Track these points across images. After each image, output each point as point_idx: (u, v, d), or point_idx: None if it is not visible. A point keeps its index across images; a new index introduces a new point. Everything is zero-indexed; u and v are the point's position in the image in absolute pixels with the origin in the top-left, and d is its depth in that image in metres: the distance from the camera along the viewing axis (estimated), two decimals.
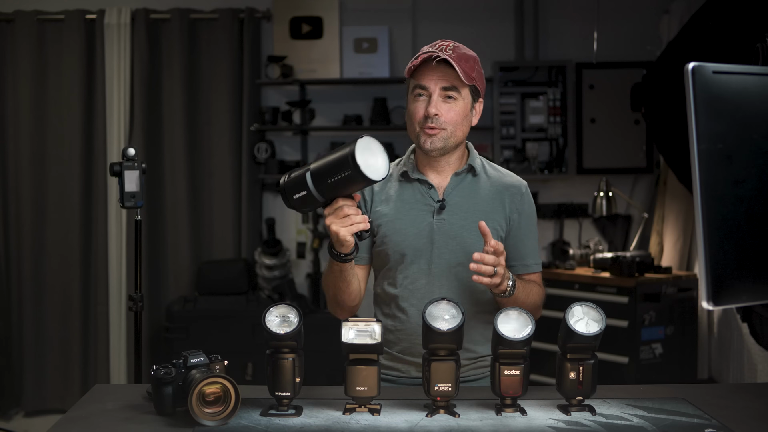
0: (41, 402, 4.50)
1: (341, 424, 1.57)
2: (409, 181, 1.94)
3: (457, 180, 1.93)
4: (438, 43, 1.87)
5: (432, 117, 1.83)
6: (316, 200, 1.66)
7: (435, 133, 1.85)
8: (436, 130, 1.84)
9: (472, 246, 1.84)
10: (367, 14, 4.67)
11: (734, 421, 1.59)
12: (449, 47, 1.84)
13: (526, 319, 1.61)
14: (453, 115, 1.85)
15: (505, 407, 1.64)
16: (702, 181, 1.24)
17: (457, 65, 1.81)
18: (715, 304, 1.25)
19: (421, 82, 1.85)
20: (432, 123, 1.84)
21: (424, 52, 1.85)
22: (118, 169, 2.62)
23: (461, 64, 1.82)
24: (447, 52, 1.83)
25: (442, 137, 1.85)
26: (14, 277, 4.54)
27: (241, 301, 4.26)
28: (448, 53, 1.83)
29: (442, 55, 1.81)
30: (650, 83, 3.83)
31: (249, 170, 4.58)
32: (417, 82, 1.86)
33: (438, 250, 1.89)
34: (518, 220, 1.94)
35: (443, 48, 1.84)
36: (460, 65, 1.82)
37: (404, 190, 1.94)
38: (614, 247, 4.58)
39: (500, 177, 1.97)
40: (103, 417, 1.64)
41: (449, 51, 1.83)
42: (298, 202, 1.67)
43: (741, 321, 3.11)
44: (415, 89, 1.87)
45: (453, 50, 1.84)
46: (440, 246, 1.89)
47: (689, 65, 1.25)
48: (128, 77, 4.51)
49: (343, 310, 1.91)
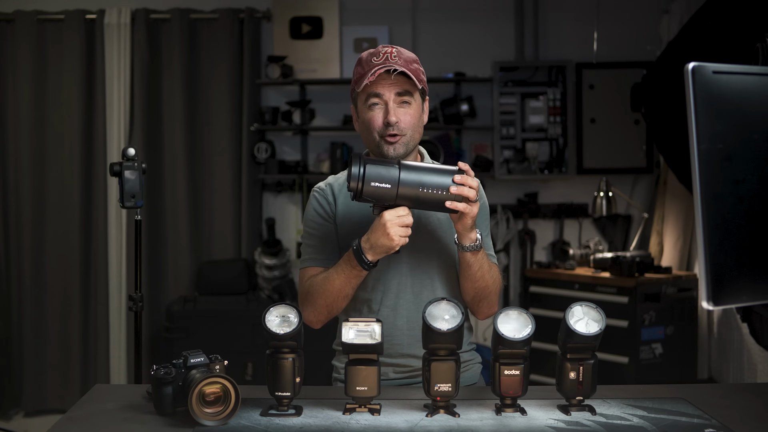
0: (41, 402, 4.50)
1: (341, 424, 1.57)
2: None
3: None
4: (380, 52, 1.86)
5: (393, 125, 1.84)
6: (389, 199, 1.70)
7: (397, 140, 1.85)
8: (398, 137, 1.85)
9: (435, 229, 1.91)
10: (367, 14, 4.67)
11: (734, 421, 1.59)
12: (393, 54, 1.85)
13: (526, 319, 1.61)
14: (410, 119, 1.86)
15: (505, 407, 1.64)
16: (702, 181, 1.24)
17: (410, 72, 1.82)
18: (715, 304, 1.25)
19: (376, 91, 1.85)
20: (393, 130, 1.84)
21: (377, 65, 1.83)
22: (118, 169, 2.62)
23: (411, 69, 1.84)
24: (393, 60, 1.83)
25: (403, 143, 1.86)
26: (14, 277, 4.54)
27: (241, 301, 4.26)
28: (395, 61, 1.83)
29: (397, 67, 1.81)
30: (650, 83, 3.83)
31: (249, 170, 4.58)
32: (371, 91, 1.85)
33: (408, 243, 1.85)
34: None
35: (388, 56, 1.84)
36: (411, 71, 1.83)
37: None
38: (614, 247, 4.59)
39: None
40: (103, 417, 1.64)
41: (395, 58, 1.84)
42: (371, 191, 1.69)
43: (741, 321, 3.11)
44: (369, 99, 1.86)
45: (398, 56, 1.85)
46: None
47: (689, 65, 1.25)
48: (128, 77, 4.51)
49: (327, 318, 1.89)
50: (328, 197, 1.96)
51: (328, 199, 1.96)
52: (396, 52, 1.85)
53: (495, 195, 4.67)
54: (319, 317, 1.89)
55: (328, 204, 1.95)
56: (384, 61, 1.83)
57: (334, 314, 1.89)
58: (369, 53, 1.88)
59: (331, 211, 1.95)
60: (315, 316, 1.88)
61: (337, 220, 1.94)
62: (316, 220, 1.95)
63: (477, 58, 4.65)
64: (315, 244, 1.94)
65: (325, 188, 1.98)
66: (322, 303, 1.85)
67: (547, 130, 4.55)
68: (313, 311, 1.88)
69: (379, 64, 1.83)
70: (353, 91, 1.91)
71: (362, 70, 1.86)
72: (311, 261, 1.93)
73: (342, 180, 1.99)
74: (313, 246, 1.94)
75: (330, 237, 1.93)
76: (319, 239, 1.94)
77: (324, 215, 1.94)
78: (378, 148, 1.87)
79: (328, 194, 1.96)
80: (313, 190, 2.00)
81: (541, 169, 4.54)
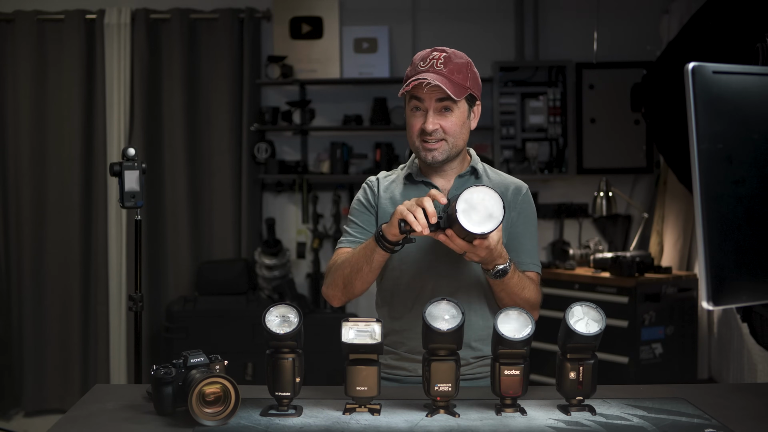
0: (41, 402, 4.50)
1: (341, 424, 1.57)
2: (414, 183, 1.98)
3: (460, 182, 1.96)
4: (429, 56, 1.86)
5: (430, 132, 1.85)
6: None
7: (435, 147, 1.88)
8: (437, 143, 1.87)
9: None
10: (367, 14, 4.67)
11: (734, 421, 1.59)
12: (440, 61, 1.84)
13: (526, 319, 1.61)
14: (450, 126, 1.87)
15: (505, 407, 1.64)
16: (702, 181, 1.24)
17: (449, 82, 1.81)
18: (715, 304, 1.25)
19: (417, 96, 1.86)
20: (430, 137, 1.86)
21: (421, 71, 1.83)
22: (118, 169, 2.62)
23: (453, 77, 1.83)
24: (438, 68, 1.83)
25: (443, 150, 1.89)
26: (14, 277, 4.54)
27: (241, 301, 4.26)
28: (439, 69, 1.83)
29: (431, 80, 1.80)
30: (650, 83, 3.83)
31: (249, 170, 4.58)
32: (413, 94, 1.87)
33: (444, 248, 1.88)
34: (517, 219, 1.96)
35: (434, 62, 1.84)
36: (452, 78, 1.82)
37: (409, 192, 1.97)
38: (614, 247, 4.59)
39: (502, 179, 2.02)
40: (103, 417, 1.64)
41: (440, 66, 1.83)
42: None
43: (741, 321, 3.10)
44: (411, 101, 1.89)
45: (444, 63, 1.84)
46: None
47: (689, 65, 1.25)
48: (128, 77, 4.51)
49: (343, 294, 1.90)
50: (374, 188, 2.01)
51: (374, 190, 2.01)
52: (443, 59, 1.85)
53: None
54: (336, 292, 1.92)
55: (373, 195, 2.00)
56: (429, 67, 1.84)
57: (350, 293, 1.90)
58: (421, 55, 1.89)
59: (375, 202, 1.99)
60: (332, 290, 1.92)
61: (379, 212, 1.98)
62: (359, 207, 2.01)
63: (477, 58, 4.54)
64: (353, 229, 1.99)
65: (374, 181, 2.04)
66: (339, 275, 1.88)
67: (547, 130, 4.54)
68: (331, 284, 1.92)
69: (424, 70, 1.84)
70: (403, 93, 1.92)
71: (411, 72, 1.88)
72: (346, 243, 1.98)
73: (392, 177, 2.03)
74: (350, 230, 1.99)
75: (368, 225, 1.98)
76: (357, 225, 1.99)
77: (367, 204, 2.00)
78: (417, 152, 1.92)
79: (374, 186, 2.02)
80: (365, 181, 2.06)
81: (541, 169, 4.54)
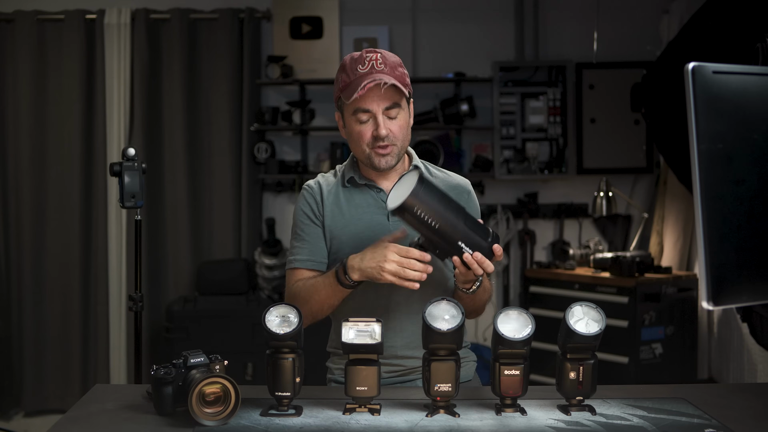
0: (41, 402, 4.50)
1: (341, 424, 1.57)
2: (357, 186, 1.92)
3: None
4: (366, 58, 1.80)
5: (383, 138, 1.81)
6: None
7: (388, 152, 1.83)
8: (389, 148, 1.83)
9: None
10: (367, 14, 4.67)
11: (734, 421, 1.59)
12: (379, 61, 1.80)
13: (526, 319, 1.61)
14: (398, 129, 1.83)
15: (505, 407, 1.64)
16: (702, 181, 1.24)
17: (398, 81, 1.79)
18: (715, 304, 1.25)
19: (365, 107, 1.80)
20: (383, 142, 1.82)
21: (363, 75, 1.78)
22: (118, 169, 2.62)
23: (397, 76, 1.80)
24: (379, 68, 1.79)
25: (394, 154, 1.85)
26: (14, 277, 4.54)
27: (241, 301, 4.26)
28: (381, 69, 1.79)
29: (386, 79, 1.76)
30: (650, 83, 3.83)
31: (249, 170, 4.58)
32: (359, 106, 1.80)
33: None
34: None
35: (374, 63, 1.79)
36: (398, 78, 1.80)
37: (353, 195, 1.91)
38: (614, 247, 4.59)
39: (446, 177, 1.98)
40: (103, 417, 1.64)
41: (381, 66, 1.79)
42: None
43: (741, 321, 3.10)
44: (357, 113, 1.82)
45: (383, 62, 1.80)
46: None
47: (689, 65, 1.25)
48: (128, 77, 4.51)
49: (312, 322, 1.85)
50: (316, 197, 1.92)
51: (316, 199, 1.91)
52: (381, 59, 1.81)
53: (495, 195, 4.67)
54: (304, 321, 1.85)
55: (316, 204, 1.91)
56: (370, 69, 1.79)
57: (319, 319, 1.86)
58: (352, 59, 1.83)
59: (319, 212, 1.90)
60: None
61: (325, 222, 1.90)
62: (303, 220, 1.91)
63: (477, 58, 4.65)
64: (302, 245, 1.90)
65: (314, 186, 1.93)
66: (307, 309, 1.79)
67: (547, 130, 4.54)
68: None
69: (365, 73, 1.79)
70: (338, 98, 1.86)
71: (348, 78, 1.82)
72: (298, 263, 1.90)
73: (332, 180, 1.95)
74: (300, 247, 1.90)
75: (317, 238, 1.89)
76: (306, 241, 1.90)
77: (311, 215, 1.90)
78: (368, 159, 1.85)
79: (316, 193, 1.92)
80: (303, 187, 1.95)
81: (541, 169, 4.54)
